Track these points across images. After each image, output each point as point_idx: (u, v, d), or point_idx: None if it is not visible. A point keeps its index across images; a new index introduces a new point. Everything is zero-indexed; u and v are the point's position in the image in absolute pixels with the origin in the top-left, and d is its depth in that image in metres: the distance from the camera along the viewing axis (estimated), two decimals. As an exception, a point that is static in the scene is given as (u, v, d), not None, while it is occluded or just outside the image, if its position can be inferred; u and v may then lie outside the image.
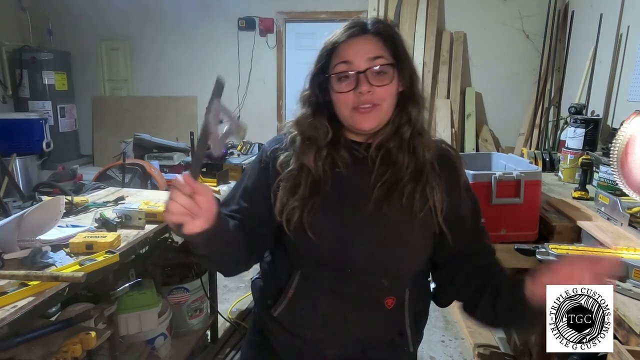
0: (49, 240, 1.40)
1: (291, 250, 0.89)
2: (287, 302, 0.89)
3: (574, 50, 3.37)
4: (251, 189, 0.92)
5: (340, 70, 0.81)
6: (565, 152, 2.34)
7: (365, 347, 0.90)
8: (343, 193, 0.86)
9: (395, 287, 0.88)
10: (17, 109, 4.62)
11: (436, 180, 0.84)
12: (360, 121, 0.82)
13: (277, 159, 0.89)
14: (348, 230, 0.84)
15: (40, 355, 1.21)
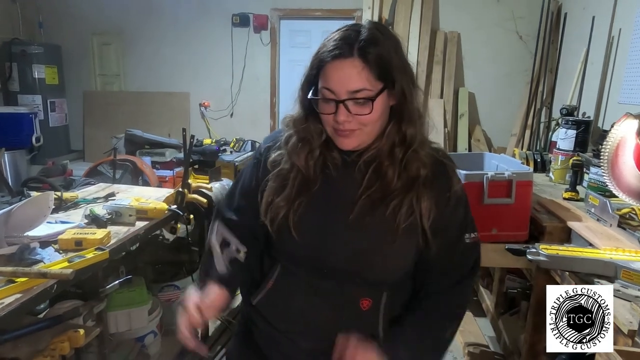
0: (37, 237, 1.38)
1: (273, 245, 0.93)
2: (266, 292, 0.93)
3: (566, 52, 3.40)
4: (247, 185, 0.97)
5: (323, 94, 0.81)
6: (557, 153, 2.36)
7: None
8: (329, 195, 0.87)
9: (373, 289, 0.88)
10: (6, 103, 4.55)
11: (426, 191, 0.83)
12: (340, 142, 0.84)
13: (268, 158, 0.92)
14: (329, 234, 0.85)
15: (27, 353, 1.19)
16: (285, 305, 0.91)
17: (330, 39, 0.80)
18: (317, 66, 0.81)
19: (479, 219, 1.75)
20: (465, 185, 1.71)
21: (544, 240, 1.70)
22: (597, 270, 1.29)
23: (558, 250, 1.39)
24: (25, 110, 4.30)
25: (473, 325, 2.58)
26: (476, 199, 1.73)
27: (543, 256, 1.38)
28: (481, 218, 1.75)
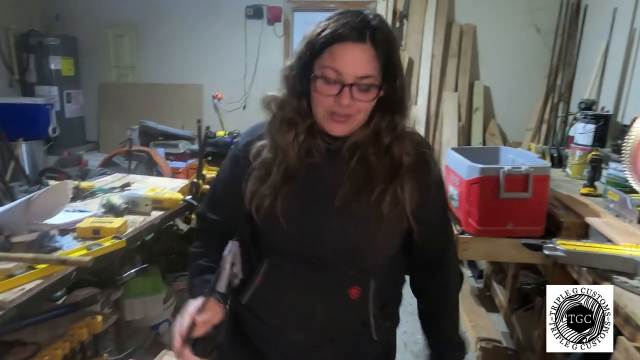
0: (56, 225, 1.41)
1: (260, 239, 0.92)
2: (255, 289, 0.92)
3: (586, 45, 3.32)
4: (228, 185, 0.94)
5: (327, 74, 0.78)
6: (574, 147, 2.32)
7: (331, 335, 0.91)
8: (315, 184, 0.85)
9: (361, 277, 0.89)
10: (23, 94, 4.61)
11: (409, 178, 0.85)
12: (332, 128, 0.82)
13: (249, 151, 0.88)
14: (316, 222, 0.85)
15: (47, 338, 1.22)
16: (275, 300, 0.91)
17: (333, 22, 0.78)
18: (321, 45, 0.77)
19: (495, 214, 1.75)
20: (481, 179, 1.72)
21: (560, 235, 1.67)
22: (616, 267, 1.27)
23: (576, 246, 1.37)
24: (42, 101, 4.36)
25: (485, 320, 2.57)
26: (492, 193, 1.71)
27: (560, 251, 1.36)
28: (496, 212, 1.75)
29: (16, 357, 1.13)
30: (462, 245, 1.81)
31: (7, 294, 1.05)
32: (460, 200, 1.89)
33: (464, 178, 1.81)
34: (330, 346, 0.92)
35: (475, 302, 2.78)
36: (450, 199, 2.03)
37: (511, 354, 2.24)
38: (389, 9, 4.02)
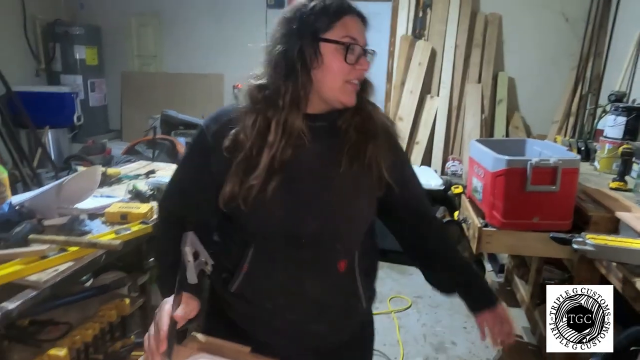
0: (85, 209, 1.44)
1: (243, 227, 0.89)
2: (243, 276, 0.90)
3: (618, 35, 3.20)
4: (197, 176, 0.91)
5: (350, 42, 0.82)
6: (603, 141, 2.25)
7: (322, 310, 0.93)
8: (297, 164, 0.85)
9: (346, 250, 0.92)
10: (49, 83, 4.72)
11: (384, 149, 0.90)
12: (348, 94, 0.85)
13: (221, 141, 0.85)
14: (300, 203, 0.86)
15: (78, 319, 1.25)
16: (265, 284, 0.90)
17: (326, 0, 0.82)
18: (329, 19, 0.81)
19: (520, 207, 1.72)
20: (507, 171, 1.69)
21: (588, 230, 1.63)
22: (649, 263, 1.23)
23: (607, 241, 1.34)
24: (67, 90, 4.45)
25: (506, 315, 2.54)
26: (518, 186, 1.68)
27: (590, 246, 1.33)
28: (522, 206, 1.72)
29: (49, 335, 1.16)
30: (486, 238, 1.78)
31: (41, 275, 1.08)
32: (484, 192, 1.86)
33: (489, 170, 1.77)
34: (321, 321, 0.94)
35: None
36: (474, 191, 2.00)
37: (533, 350, 2.21)
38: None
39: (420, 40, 3.97)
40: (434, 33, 3.96)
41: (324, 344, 0.97)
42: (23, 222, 1.25)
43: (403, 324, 2.53)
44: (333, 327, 0.96)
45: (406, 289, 2.92)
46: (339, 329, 0.97)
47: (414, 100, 3.92)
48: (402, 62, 3.98)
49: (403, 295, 2.84)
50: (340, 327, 0.97)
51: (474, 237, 1.83)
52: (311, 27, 0.81)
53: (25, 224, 1.23)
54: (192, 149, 0.94)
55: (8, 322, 0.97)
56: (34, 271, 1.08)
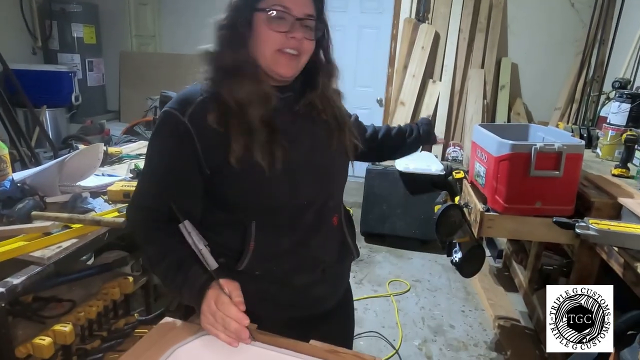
0: (88, 187, 1.43)
1: (241, 205, 0.89)
2: (251, 254, 0.89)
3: (625, 21, 3.17)
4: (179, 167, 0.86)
5: (277, 10, 0.82)
6: (607, 128, 2.24)
7: (325, 267, 0.98)
8: (285, 134, 0.87)
9: (337, 205, 1.00)
10: (46, 61, 4.64)
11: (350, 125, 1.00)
12: (282, 65, 0.85)
13: (202, 120, 0.82)
14: (299, 174, 0.89)
15: (81, 296, 1.25)
16: (275, 254, 0.92)
17: None
18: None
19: (523, 192, 1.72)
20: (511, 156, 1.68)
21: (591, 216, 1.63)
22: (651, 248, 1.24)
23: (610, 226, 1.34)
24: (65, 69, 4.37)
25: (504, 299, 2.57)
26: (522, 171, 1.68)
27: (593, 230, 1.34)
28: (525, 191, 1.72)
29: (53, 312, 1.16)
30: (487, 222, 1.78)
31: (45, 251, 1.07)
32: (487, 177, 1.85)
33: (493, 155, 1.77)
34: (324, 281, 0.99)
35: (493, 281, 2.78)
36: (476, 175, 2.00)
37: (529, 333, 2.24)
38: (417, -20, 3.89)
39: (424, 23, 3.91)
40: (438, 16, 3.90)
41: (322, 307, 1.01)
42: (25, 198, 1.24)
43: (402, 307, 2.56)
44: (332, 287, 1.03)
45: (405, 273, 2.95)
46: (336, 288, 1.05)
47: (416, 85, 3.89)
48: (405, 45, 3.94)
49: (402, 279, 2.86)
50: (337, 285, 1.05)
51: (476, 221, 1.83)
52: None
53: (27, 201, 1.22)
54: (166, 138, 0.86)
55: (12, 297, 0.97)
56: (38, 247, 1.08)
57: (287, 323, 0.94)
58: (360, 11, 4.26)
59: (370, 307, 2.54)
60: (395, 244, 3.31)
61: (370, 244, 3.33)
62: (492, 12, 3.87)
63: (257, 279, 0.92)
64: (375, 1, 4.21)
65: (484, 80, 3.85)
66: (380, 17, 4.22)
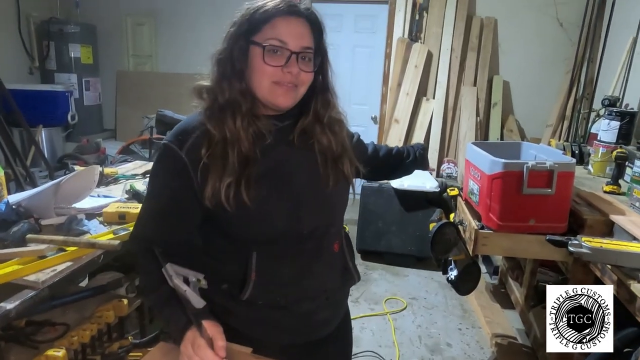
0: (83, 209, 1.43)
1: (242, 233, 0.89)
2: (253, 284, 0.89)
3: (612, 41, 3.25)
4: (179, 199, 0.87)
5: (274, 44, 0.82)
6: (597, 145, 2.28)
7: (328, 294, 0.98)
8: (278, 164, 0.88)
9: (337, 232, 1.00)
10: (43, 81, 4.67)
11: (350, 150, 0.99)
12: (279, 96, 0.85)
13: (197, 152, 0.84)
14: (296, 200, 0.89)
15: (75, 319, 1.24)
16: (277, 283, 0.91)
17: (269, 2, 0.84)
18: (258, 22, 0.83)
19: (517, 209, 1.74)
20: (504, 174, 1.70)
21: (583, 233, 1.65)
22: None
23: (602, 243, 1.35)
24: (61, 88, 4.41)
25: (501, 316, 2.56)
26: (514, 189, 1.69)
27: (586, 248, 1.34)
28: (519, 208, 1.73)
29: (47, 336, 1.15)
30: (482, 240, 1.79)
31: (39, 275, 1.07)
32: (481, 195, 1.87)
33: (486, 173, 1.79)
34: (327, 306, 0.99)
35: (490, 298, 2.78)
36: (470, 193, 2.01)
37: (526, 351, 2.23)
38: (409, 1, 3.98)
39: (417, 43, 3.99)
40: (430, 36, 3.98)
41: (323, 332, 1.01)
42: (20, 221, 1.24)
43: (398, 325, 2.54)
44: (335, 310, 1.03)
45: (401, 291, 2.94)
46: (338, 312, 1.05)
47: (410, 103, 3.94)
48: (399, 64, 4.00)
49: (398, 296, 2.85)
50: (338, 309, 1.05)
51: (471, 239, 1.84)
52: (245, 29, 0.84)
53: (22, 224, 1.22)
54: (165, 171, 0.88)
55: (6, 322, 0.96)
56: (32, 271, 1.07)
57: (288, 348, 0.94)
58: (354, 31, 4.34)
59: (366, 326, 2.52)
60: (391, 261, 3.30)
61: (367, 261, 3.32)
62: (483, 31, 3.95)
63: (261, 307, 0.92)
64: (369, 21, 4.30)
65: (477, 97, 3.91)
66: (374, 36, 4.30)
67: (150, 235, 0.90)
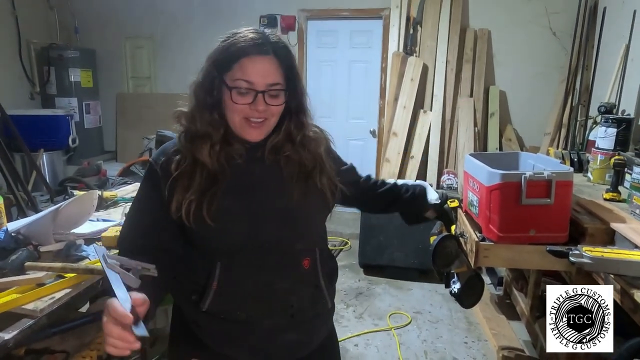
0: (82, 234, 1.44)
1: (207, 246, 0.93)
2: (214, 293, 0.92)
3: (605, 48, 3.28)
4: (155, 209, 0.93)
5: (241, 86, 0.87)
6: (595, 152, 2.28)
7: (294, 312, 0.96)
8: (245, 182, 0.93)
9: (308, 248, 0.98)
10: (44, 106, 4.73)
11: (328, 160, 1.01)
12: (249, 133, 0.91)
13: (168, 169, 0.91)
14: (257, 214, 0.92)
15: (75, 346, 1.23)
16: (237, 296, 0.93)
17: (240, 38, 0.89)
18: (229, 60, 0.88)
19: (516, 220, 1.73)
20: (502, 185, 1.70)
21: (585, 242, 1.64)
22: (646, 274, 1.24)
23: (603, 253, 1.35)
24: (62, 112, 4.46)
25: (507, 328, 2.53)
26: (513, 200, 1.69)
27: (587, 258, 1.34)
28: (518, 219, 1.73)
29: (46, 365, 1.14)
30: (483, 252, 1.78)
31: (37, 303, 1.07)
32: (480, 206, 1.87)
33: (484, 184, 1.79)
34: (293, 326, 0.98)
35: (495, 310, 2.75)
36: (470, 205, 2.01)
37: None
38: (403, 16, 4.03)
39: (412, 56, 4.03)
40: (425, 49, 4.02)
41: (295, 355, 1.00)
42: (19, 249, 1.24)
43: (403, 340, 2.51)
44: (304, 334, 1.01)
45: (405, 305, 2.91)
46: (309, 335, 1.02)
47: (407, 116, 3.96)
48: (395, 78, 4.04)
49: (402, 311, 2.82)
50: (310, 333, 1.02)
51: (472, 251, 1.83)
52: (217, 66, 0.90)
53: (21, 251, 1.22)
54: (145, 185, 0.98)
55: (4, 353, 0.96)
56: (31, 299, 1.07)
57: None
58: (350, 46, 4.39)
59: (371, 342, 2.49)
60: (394, 274, 3.28)
61: (369, 275, 3.30)
62: (477, 43, 3.99)
63: (223, 320, 0.94)
64: (364, 36, 4.35)
65: (474, 108, 3.93)
66: (369, 51, 4.35)
67: (130, 247, 0.95)
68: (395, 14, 4.06)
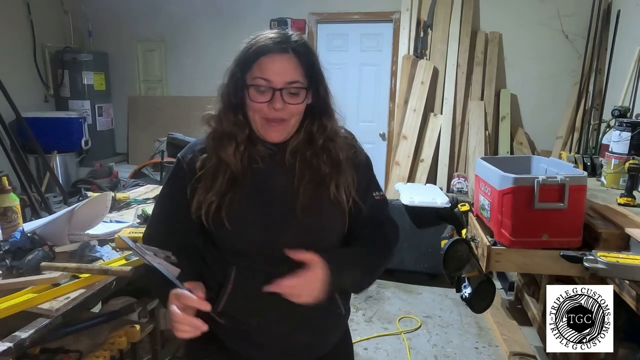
0: (96, 235, 1.45)
1: (224, 248, 0.95)
2: (228, 296, 0.94)
3: (619, 51, 3.24)
4: (178, 202, 0.96)
5: (258, 83, 0.88)
6: (609, 156, 2.25)
7: (306, 319, 0.96)
8: (263, 187, 0.94)
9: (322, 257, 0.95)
10: (58, 108, 4.79)
11: (348, 167, 0.96)
12: (269, 133, 0.92)
13: (193, 166, 0.94)
14: (276, 223, 0.92)
15: (88, 346, 1.25)
16: (250, 301, 0.94)
17: (261, 38, 0.90)
18: (249, 60, 0.89)
19: (529, 224, 1.72)
20: (514, 189, 1.69)
21: (599, 247, 1.62)
22: (662, 280, 1.22)
23: (618, 258, 1.33)
24: (75, 115, 4.52)
25: (518, 334, 2.50)
26: (526, 204, 1.68)
27: (602, 264, 1.32)
28: (531, 223, 1.71)
29: (60, 364, 1.16)
30: (495, 256, 1.77)
31: (53, 303, 1.08)
32: (492, 210, 1.86)
33: (496, 188, 1.78)
34: (306, 331, 0.98)
35: (506, 315, 2.72)
36: (481, 209, 2.00)
37: (547, 370, 2.17)
38: (413, 19, 4.03)
39: (422, 59, 4.02)
40: (436, 52, 4.01)
41: (309, 355, 1.01)
42: (35, 249, 1.26)
43: (413, 345, 2.50)
44: (318, 336, 1.01)
45: (415, 309, 2.89)
46: (323, 337, 1.02)
47: (417, 119, 3.95)
48: (405, 81, 4.03)
49: (412, 315, 2.81)
50: (324, 335, 1.02)
51: (483, 255, 1.82)
52: (240, 66, 0.91)
53: (37, 252, 1.24)
54: (171, 180, 1.01)
55: (20, 351, 0.97)
56: (46, 299, 1.09)
57: None
58: (360, 49, 4.39)
59: (381, 347, 2.48)
60: (404, 278, 3.26)
61: (379, 279, 3.28)
62: (488, 46, 3.97)
63: (237, 321, 0.96)
64: (374, 40, 4.35)
65: (485, 111, 3.90)
66: (379, 54, 4.34)
67: (155, 235, 1.00)
68: (405, 17, 4.06)
